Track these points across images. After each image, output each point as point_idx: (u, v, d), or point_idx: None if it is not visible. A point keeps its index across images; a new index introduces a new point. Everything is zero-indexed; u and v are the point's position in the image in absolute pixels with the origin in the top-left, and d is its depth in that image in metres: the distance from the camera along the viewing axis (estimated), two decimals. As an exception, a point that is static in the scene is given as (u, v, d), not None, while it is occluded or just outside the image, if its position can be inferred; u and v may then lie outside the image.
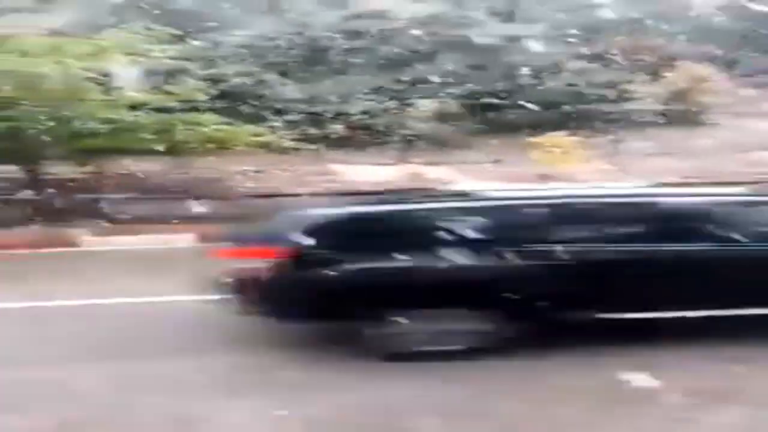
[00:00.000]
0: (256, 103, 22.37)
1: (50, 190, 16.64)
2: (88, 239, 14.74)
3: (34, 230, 15.24)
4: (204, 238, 14.39)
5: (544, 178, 18.47)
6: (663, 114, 23.10)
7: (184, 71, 20.92)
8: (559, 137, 19.68)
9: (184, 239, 14.50)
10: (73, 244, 14.53)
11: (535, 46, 25.06)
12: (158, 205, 16.44)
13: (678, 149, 20.57)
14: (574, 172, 18.31)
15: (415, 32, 25.71)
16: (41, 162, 17.02)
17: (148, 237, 14.61)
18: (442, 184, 18.05)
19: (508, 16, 28.62)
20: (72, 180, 17.35)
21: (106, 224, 15.86)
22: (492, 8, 28.41)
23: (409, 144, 21.10)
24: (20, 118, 15.83)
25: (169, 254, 13.55)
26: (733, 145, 21.16)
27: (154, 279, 10.72)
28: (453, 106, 22.61)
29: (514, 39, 25.91)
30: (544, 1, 29.51)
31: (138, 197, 16.78)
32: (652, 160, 19.07)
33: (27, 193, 16.65)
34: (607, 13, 27.39)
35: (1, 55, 15.61)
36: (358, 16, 26.92)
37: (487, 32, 25.85)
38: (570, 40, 25.80)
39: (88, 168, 17.78)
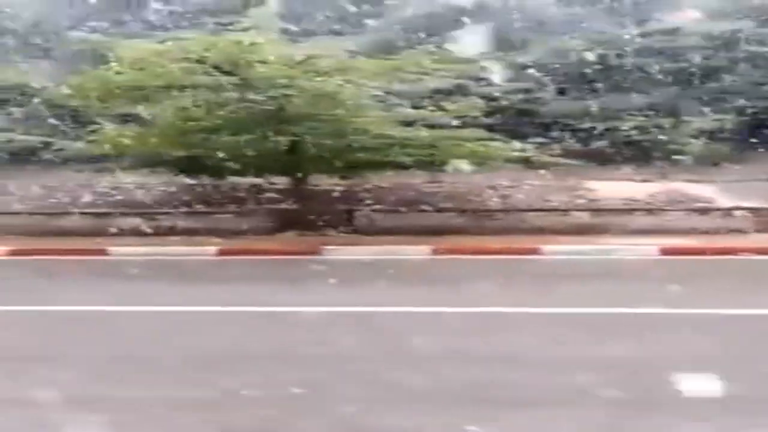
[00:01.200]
0: (528, 119, 21.48)
1: (309, 201, 16.65)
2: (326, 248, 14.46)
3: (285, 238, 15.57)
4: (437, 251, 14.01)
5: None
6: None
7: (464, 89, 20.83)
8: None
9: (418, 251, 13.99)
10: (316, 252, 14.32)
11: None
12: (405, 217, 16.07)
13: None
14: None
15: (707, 49, 23.67)
16: (310, 174, 17.17)
17: (383, 248, 14.13)
18: (702, 202, 16.38)
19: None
20: (333, 192, 17.34)
21: (350, 234, 15.78)
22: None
23: (675, 161, 19.17)
24: (302, 133, 15.80)
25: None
26: None
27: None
28: (729, 122, 20.29)
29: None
30: None
31: (389, 209, 16.49)
32: None
33: (290, 203, 16.75)
34: None
35: (299, 73, 15.62)
36: (649, 34, 25.46)
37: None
38: None
39: (351, 181, 17.79)
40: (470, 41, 22.30)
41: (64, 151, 20.62)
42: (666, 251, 13.52)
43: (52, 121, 21.53)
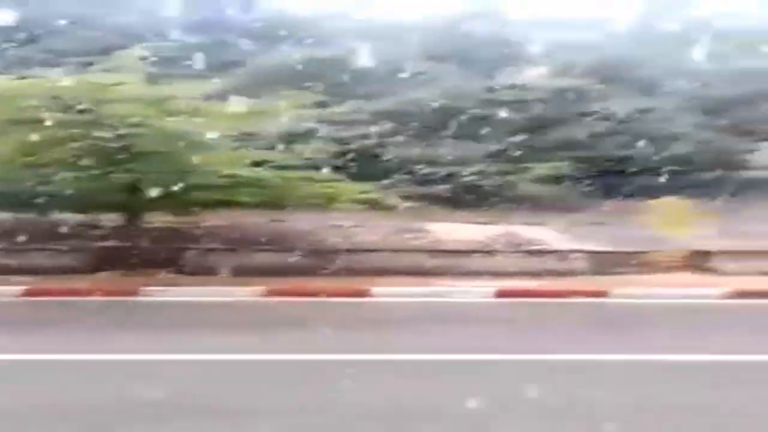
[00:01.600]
0: (377, 163, 20.57)
1: (138, 239, 15.10)
2: (146, 289, 12.76)
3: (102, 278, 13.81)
4: (268, 293, 12.62)
5: (654, 241, 15.74)
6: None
7: (316, 133, 19.97)
8: (672, 201, 16.66)
9: (247, 292, 12.62)
10: (135, 293, 12.61)
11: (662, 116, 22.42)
12: (237, 257, 14.64)
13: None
14: (683, 235, 15.43)
15: (549, 102, 23.57)
16: (148, 212, 15.72)
17: (210, 288, 12.77)
18: (539, 245, 15.66)
19: (643, 90, 25.98)
20: (167, 230, 15.89)
21: (174, 275, 14.19)
22: (626, 82, 26.06)
23: (516, 205, 18.54)
24: (147, 171, 14.50)
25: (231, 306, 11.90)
26: None
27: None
28: (566, 169, 19.89)
29: (643, 110, 23.28)
30: (678, 75, 26.66)
31: (221, 248, 15.09)
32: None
33: (116, 241, 15.23)
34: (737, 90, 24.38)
35: (154, 113, 14.73)
36: (497, 89, 25.32)
37: (617, 104, 23.42)
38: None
39: (189, 219, 16.36)
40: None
41: None
42: (501, 293, 12.57)
43: None
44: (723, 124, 22.61)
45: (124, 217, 15.53)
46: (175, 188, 14.65)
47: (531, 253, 14.95)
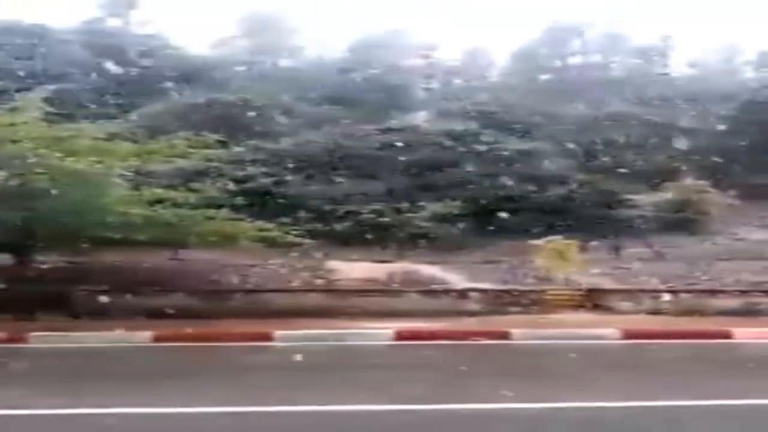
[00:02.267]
0: (276, 201, 19.05)
1: (29, 281, 13.29)
2: (37, 335, 10.80)
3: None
4: (159, 338, 10.82)
5: (544, 280, 14.76)
6: (662, 221, 19.06)
7: (216, 171, 18.41)
8: (558, 241, 15.69)
9: (139, 338, 10.73)
10: (21, 340, 10.60)
11: (544, 159, 21.86)
12: (132, 298, 12.86)
13: (674, 256, 16.51)
14: (571, 274, 14.50)
15: (439, 144, 22.68)
16: (37, 252, 13.81)
17: (100, 335, 10.83)
18: (436, 283, 14.41)
19: (525, 133, 25.52)
20: (57, 271, 13.94)
21: (65, 318, 12.23)
22: (510, 126, 25.58)
23: (412, 243, 17.29)
24: (40, 210, 12.96)
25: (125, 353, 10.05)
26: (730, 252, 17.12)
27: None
28: (458, 208, 18.81)
29: (526, 153, 22.67)
30: (557, 120, 26.44)
31: (113, 289, 13.22)
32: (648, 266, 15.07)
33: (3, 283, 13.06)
34: (613, 133, 24.19)
35: (51, 152, 13.07)
36: (391, 130, 24.40)
37: (502, 146, 22.76)
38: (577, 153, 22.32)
39: (84, 258, 14.50)
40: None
41: None
42: (401, 336, 11.14)
43: None
44: (600, 166, 22.07)
45: (15, 257, 13.59)
46: (69, 227, 13.13)
47: (430, 292, 13.68)
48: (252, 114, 25.34)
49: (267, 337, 10.94)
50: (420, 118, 27.09)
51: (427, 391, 7.41)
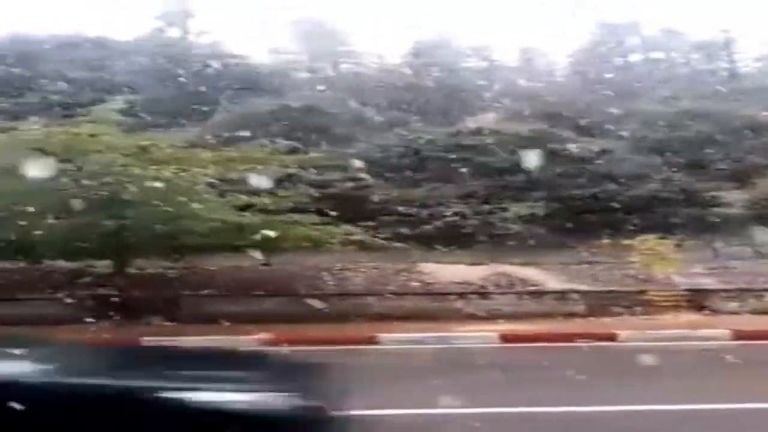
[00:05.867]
0: (357, 205, 19.04)
1: (130, 286, 13.52)
2: (146, 339, 10.90)
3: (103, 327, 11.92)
4: (266, 342, 10.90)
5: (643, 281, 14.47)
6: (757, 218, 18.53)
7: (296, 178, 18.51)
8: (653, 240, 15.41)
9: (251, 341, 10.84)
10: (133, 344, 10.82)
11: (622, 157, 21.56)
12: (232, 303, 13.04)
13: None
14: (671, 274, 14.22)
15: (512, 145, 22.46)
16: (137, 259, 14.06)
17: (212, 338, 11.04)
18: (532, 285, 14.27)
19: (598, 131, 25.23)
20: (160, 277, 14.21)
21: (174, 323, 12.52)
22: (581, 126, 25.29)
23: (499, 245, 17.14)
24: (133, 218, 13.12)
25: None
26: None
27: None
28: (542, 209, 18.57)
29: (602, 152, 22.37)
30: (629, 118, 26.07)
31: (218, 294, 13.41)
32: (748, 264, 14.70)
33: (108, 289, 13.48)
34: (688, 130, 23.70)
35: (134, 162, 13.41)
36: (461, 132, 24.32)
37: (576, 146, 22.47)
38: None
39: (180, 265, 14.72)
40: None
41: None
42: (506, 338, 11.06)
43: None
44: (681, 164, 21.65)
45: (114, 264, 13.88)
46: (161, 234, 13.32)
47: (528, 293, 13.56)
48: (321, 120, 25.49)
49: (373, 341, 10.99)
50: (489, 119, 26.89)
51: (562, 393, 7.33)
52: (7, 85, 29.20)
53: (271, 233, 14.36)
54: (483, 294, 13.52)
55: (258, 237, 14.24)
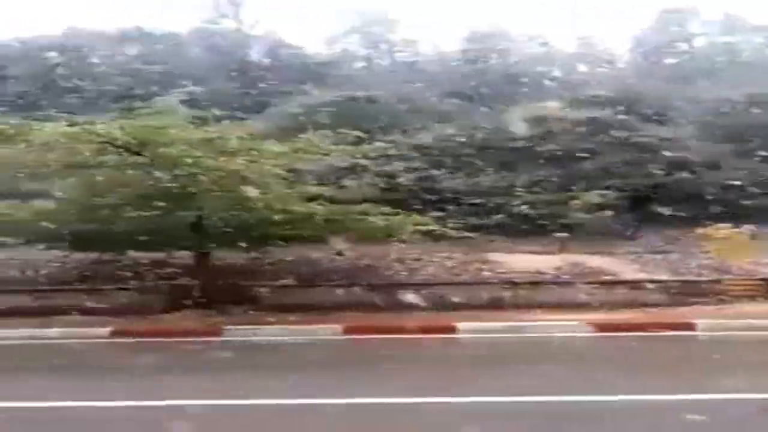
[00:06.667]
0: (424, 195, 19.09)
1: (210, 276, 13.76)
2: (228, 329, 11.41)
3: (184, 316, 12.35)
4: (348, 330, 11.11)
5: (718, 270, 14.29)
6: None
7: (362, 168, 18.61)
8: (728, 229, 15.20)
9: (328, 331, 11.15)
10: (216, 333, 11.23)
11: (690, 144, 21.19)
12: (309, 292, 13.27)
13: None
14: (747, 264, 14.00)
15: (577, 134, 22.21)
16: (213, 250, 14.32)
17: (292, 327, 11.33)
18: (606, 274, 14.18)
19: (664, 118, 24.78)
20: (236, 267, 14.48)
21: (253, 312, 12.79)
22: (645, 113, 24.85)
23: (569, 234, 17.02)
24: (206, 209, 13.43)
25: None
26: None
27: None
28: (610, 197, 18.32)
29: (669, 139, 21.97)
30: (694, 105, 25.62)
31: (293, 284, 13.66)
32: None
33: (188, 279, 13.81)
34: (757, 117, 23.09)
35: (204, 153, 13.44)
36: (526, 119, 24.07)
37: (643, 133, 22.11)
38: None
39: (255, 256, 14.97)
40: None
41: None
42: (601, 328, 11.00)
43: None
44: (752, 151, 21.15)
45: (193, 254, 14.19)
46: (236, 225, 13.55)
47: (604, 283, 13.48)
48: (382, 109, 25.49)
49: (452, 330, 11.08)
50: (552, 107, 26.53)
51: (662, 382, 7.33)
52: (65, 79, 29.76)
53: (344, 223, 14.64)
54: (558, 283, 13.50)
55: (330, 227, 14.51)
